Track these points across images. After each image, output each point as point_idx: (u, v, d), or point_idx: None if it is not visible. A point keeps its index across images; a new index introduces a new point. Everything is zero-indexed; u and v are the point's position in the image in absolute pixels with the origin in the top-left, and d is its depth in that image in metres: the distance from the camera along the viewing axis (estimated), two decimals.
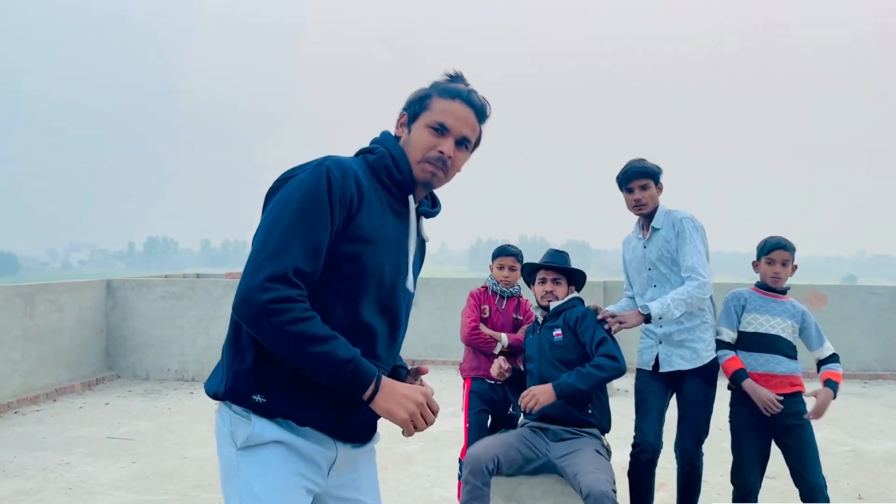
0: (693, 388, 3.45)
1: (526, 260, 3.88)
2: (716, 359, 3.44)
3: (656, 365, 3.53)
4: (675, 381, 3.50)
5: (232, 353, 1.72)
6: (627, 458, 3.49)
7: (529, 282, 3.62)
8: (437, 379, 8.25)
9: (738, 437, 3.44)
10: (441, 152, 1.79)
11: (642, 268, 3.59)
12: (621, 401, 5.80)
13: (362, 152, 1.87)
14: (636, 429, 3.51)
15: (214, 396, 1.76)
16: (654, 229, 3.53)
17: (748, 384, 3.34)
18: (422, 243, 1.98)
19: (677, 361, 3.46)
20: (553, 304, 3.48)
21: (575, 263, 3.65)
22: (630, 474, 3.48)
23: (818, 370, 3.46)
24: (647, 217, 3.57)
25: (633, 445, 3.48)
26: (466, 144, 1.86)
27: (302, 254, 1.61)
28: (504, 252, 3.97)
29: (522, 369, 3.58)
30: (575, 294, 3.58)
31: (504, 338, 3.80)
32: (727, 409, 3.52)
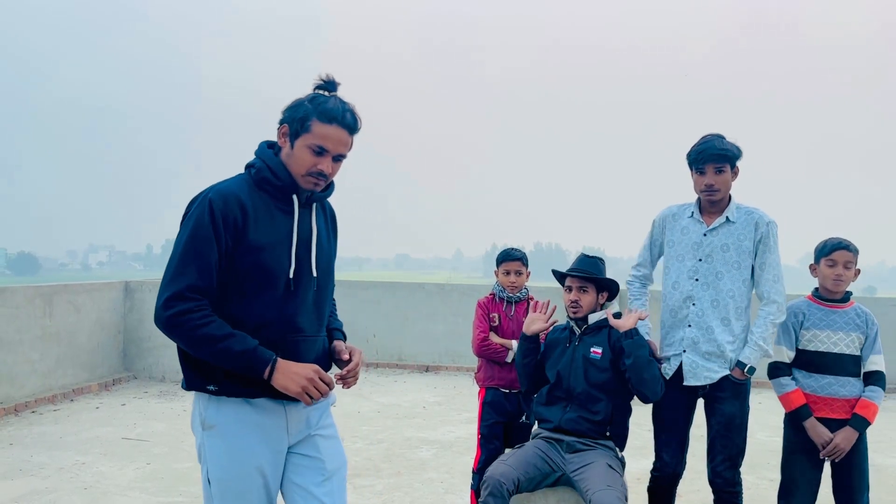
0: (726, 406, 3.14)
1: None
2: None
3: (679, 376, 3.22)
4: (702, 394, 3.23)
5: (182, 354, 2.15)
6: (642, 470, 3.45)
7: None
8: (451, 385, 8.24)
9: (790, 458, 3.22)
10: (321, 169, 2.14)
11: (689, 254, 3.23)
12: (635, 410, 5.74)
13: (247, 167, 2.21)
14: (656, 455, 3.30)
15: (186, 388, 2.20)
16: (728, 221, 3.18)
17: (810, 423, 3.10)
18: (332, 218, 2.40)
19: (705, 374, 3.16)
20: (592, 318, 3.30)
21: None
22: (650, 491, 3.37)
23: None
24: (712, 203, 3.21)
25: (654, 469, 3.32)
26: (341, 158, 2.20)
27: (195, 273, 2.02)
28: (509, 257, 3.92)
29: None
30: (609, 304, 3.38)
31: (515, 345, 3.79)
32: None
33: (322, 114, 2.11)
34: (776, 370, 3.24)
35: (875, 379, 3.14)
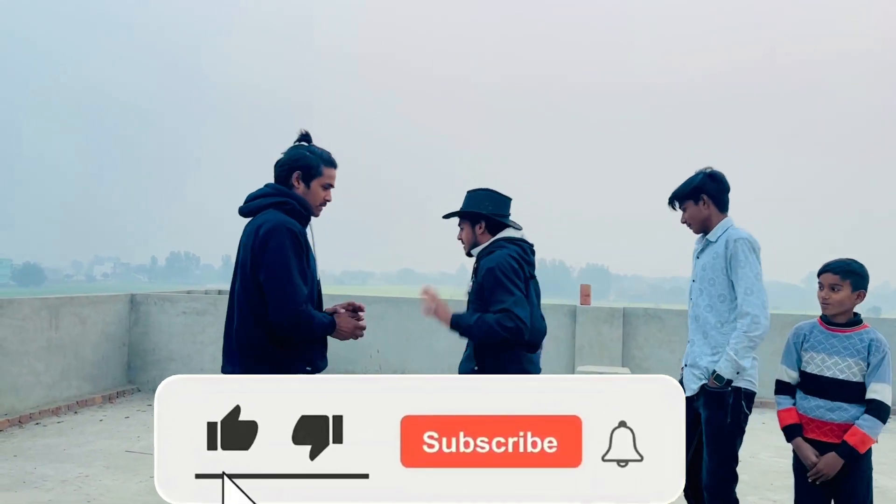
0: (707, 415, 3.27)
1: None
2: (739, 388, 3.20)
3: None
4: (695, 406, 3.31)
5: (275, 346, 2.89)
6: None
7: None
8: None
9: (800, 481, 3.20)
10: (328, 199, 3.07)
11: (693, 276, 3.57)
12: None
13: (274, 205, 2.91)
14: None
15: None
16: (709, 242, 3.47)
17: (796, 443, 3.14)
18: None
19: (691, 385, 3.33)
20: (475, 251, 3.35)
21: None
22: None
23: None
24: (697, 232, 3.57)
25: None
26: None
27: (303, 284, 2.85)
28: None
29: None
30: (501, 235, 3.30)
31: None
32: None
33: (326, 161, 3.01)
34: (776, 388, 3.29)
35: (872, 408, 3.01)
